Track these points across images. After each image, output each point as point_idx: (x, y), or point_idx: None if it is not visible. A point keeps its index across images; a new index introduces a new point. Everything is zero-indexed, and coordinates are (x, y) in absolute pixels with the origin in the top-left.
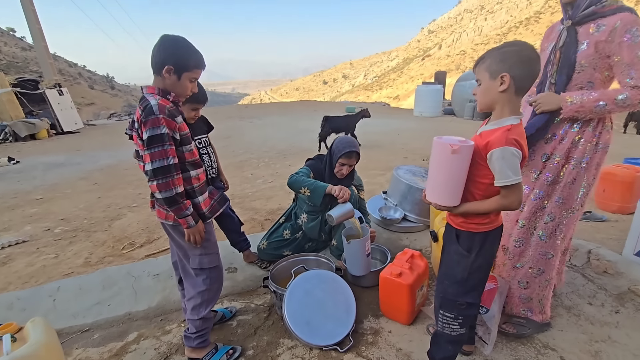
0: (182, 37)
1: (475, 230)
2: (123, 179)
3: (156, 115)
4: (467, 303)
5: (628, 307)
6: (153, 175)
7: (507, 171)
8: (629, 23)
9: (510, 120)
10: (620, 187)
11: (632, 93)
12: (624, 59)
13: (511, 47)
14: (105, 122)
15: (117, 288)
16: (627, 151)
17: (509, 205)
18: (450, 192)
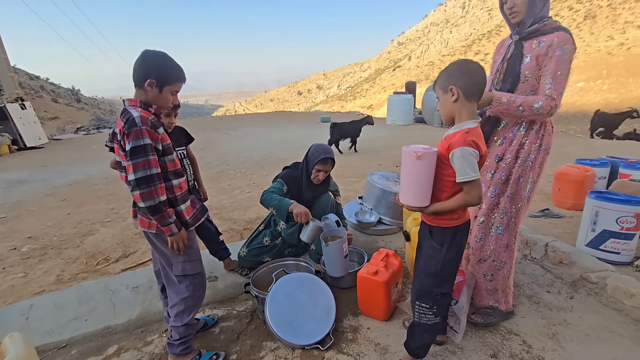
0: (164, 52)
1: (446, 225)
2: (94, 194)
3: (139, 127)
4: (441, 293)
5: (581, 293)
6: (136, 184)
7: (466, 169)
8: (562, 41)
9: (468, 124)
10: (573, 185)
11: (545, 102)
12: (549, 70)
13: (454, 65)
14: (72, 136)
15: (95, 303)
16: (581, 153)
17: (470, 200)
18: (420, 194)
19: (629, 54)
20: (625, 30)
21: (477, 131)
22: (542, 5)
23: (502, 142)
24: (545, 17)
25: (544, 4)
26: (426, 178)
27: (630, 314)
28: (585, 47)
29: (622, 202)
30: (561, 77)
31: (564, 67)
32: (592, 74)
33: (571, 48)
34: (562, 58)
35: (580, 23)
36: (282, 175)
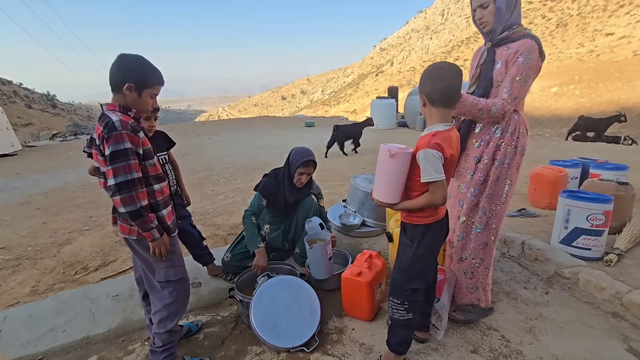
0: (140, 55)
1: (417, 222)
2: (71, 202)
3: (119, 131)
4: (411, 289)
5: (555, 288)
6: (117, 189)
7: (429, 169)
8: (526, 48)
9: (436, 127)
10: (548, 186)
11: (501, 106)
12: (509, 75)
13: (426, 70)
14: (48, 143)
15: (73, 313)
16: (555, 155)
17: (435, 200)
18: (390, 191)
19: (598, 61)
20: (594, 37)
21: (445, 134)
22: (510, 14)
23: (479, 144)
24: (515, 24)
25: (512, 12)
26: (397, 176)
27: (600, 306)
28: (558, 54)
29: (591, 200)
30: (519, 82)
31: (524, 73)
32: (565, 80)
33: (535, 56)
34: (523, 64)
35: (553, 31)
36: (260, 187)
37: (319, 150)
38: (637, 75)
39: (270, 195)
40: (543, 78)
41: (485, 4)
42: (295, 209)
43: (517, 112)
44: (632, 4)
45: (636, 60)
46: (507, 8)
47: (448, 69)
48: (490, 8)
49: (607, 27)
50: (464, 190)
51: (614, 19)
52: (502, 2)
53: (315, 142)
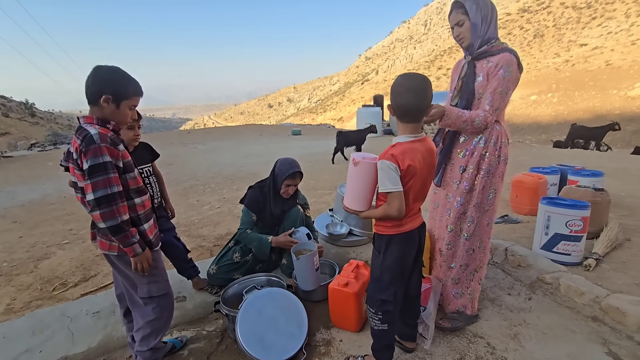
0: (117, 66)
1: (381, 232)
2: (49, 215)
3: (97, 144)
4: (381, 300)
5: (538, 294)
6: (96, 204)
7: (385, 180)
8: (506, 62)
9: (398, 139)
10: (528, 192)
11: (483, 118)
12: (490, 88)
13: (393, 84)
14: (25, 153)
15: (50, 332)
16: (535, 162)
17: (390, 211)
18: (356, 198)
19: (574, 70)
20: (569, 48)
21: (406, 146)
22: (487, 29)
23: (464, 154)
24: (492, 39)
25: (488, 28)
26: (362, 184)
27: (581, 311)
28: (536, 63)
29: (569, 206)
30: (500, 94)
31: (504, 86)
32: (544, 88)
33: (513, 69)
34: (503, 77)
35: (531, 41)
36: (246, 201)
37: (306, 159)
38: (610, 84)
39: (258, 208)
40: (523, 86)
41: (460, 22)
42: (281, 220)
43: (499, 122)
44: (603, 17)
45: (609, 70)
46: (482, 24)
47: (414, 85)
48: (466, 25)
49: (581, 38)
50: (450, 199)
51: (587, 31)
52: (476, 19)
53: (302, 151)
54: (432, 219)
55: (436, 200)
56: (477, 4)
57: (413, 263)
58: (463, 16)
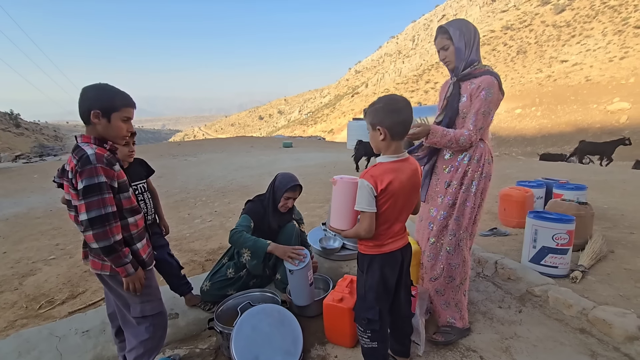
0: (104, 83)
1: (363, 252)
2: (35, 229)
3: (93, 164)
4: (367, 319)
5: (528, 306)
6: (89, 225)
7: (360, 198)
8: (488, 84)
9: (381, 158)
10: (516, 205)
11: (467, 137)
12: (474, 109)
13: (380, 102)
14: (9, 165)
15: (37, 352)
16: (522, 174)
17: (360, 230)
18: (339, 218)
19: (556, 85)
20: (551, 64)
21: (387, 167)
22: (470, 53)
23: (449, 170)
24: (475, 61)
25: (471, 51)
26: (341, 203)
27: (569, 323)
28: (519, 78)
29: (555, 220)
30: (483, 115)
31: (487, 106)
32: (527, 102)
33: (495, 90)
34: (485, 99)
35: (514, 57)
36: (247, 210)
37: (297, 172)
38: (590, 98)
39: (257, 218)
40: (508, 100)
41: (446, 46)
42: (277, 235)
43: (483, 140)
44: (582, 35)
45: (589, 85)
46: (465, 48)
47: (404, 102)
48: (450, 49)
49: (562, 54)
50: (434, 213)
51: (567, 48)
52: (460, 43)
53: (294, 163)
54: (417, 232)
55: (421, 214)
56: (460, 29)
57: (397, 284)
58: (448, 41)
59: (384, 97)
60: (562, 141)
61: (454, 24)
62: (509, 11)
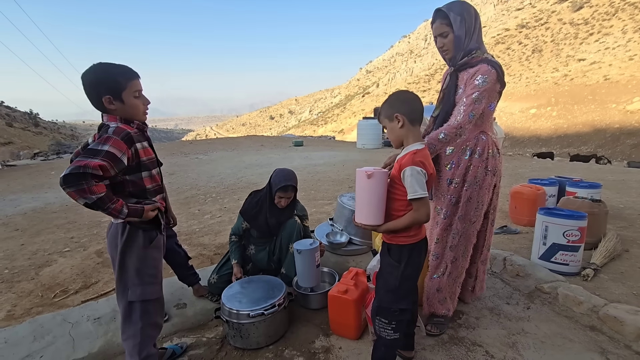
0: (97, 63)
1: (403, 243)
2: (51, 223)
3: (109, 134)
4: (400, 309)
5: (536, 303)
6: (64, 181)
7: (415, 186)
8: (483, 72)
9: (415, 145)
10: (527, 203)
11: (447, 130)
12: (465, 94)
13: (393, 96)
14: (29, 162)
15: (51, 337)
16: (535, 174)
17: (419, 217)
18: (373, 213)
19: (572, 84)
20: (568, 63)
21: (424, 152)
22: (469, 41)
23: (451, 167)
24: (473, 49)
25: (470, 39)
26: (377, 196)
27: (579, 320)
28: (535, 77)
29: (566, 217)
30: (474, 100)
31: (479, 93)
32: (543, 102)
33: (491, 79)
34: (478, 85)
35: (530, 56)
36: (242, 209)
37: (306, 170)
38: (609, 98)
39: (251, 217)
40: (522, 100)
41: (444, 34)
42: (278, 231)
43: (486, 133)
44: (601, 32)
45: (607, 85)
46: (466, 36)
47: (413, 94)
48: (449, 37)
49: (579, 53)
50: (439, 211)
51: (585, 46)
52: (460, 31)
53: (303, 162)
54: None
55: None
56: (462, 15)
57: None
58: (447, 28)
59: (394, 92)
60: (579, 142)
61: (455, 8)
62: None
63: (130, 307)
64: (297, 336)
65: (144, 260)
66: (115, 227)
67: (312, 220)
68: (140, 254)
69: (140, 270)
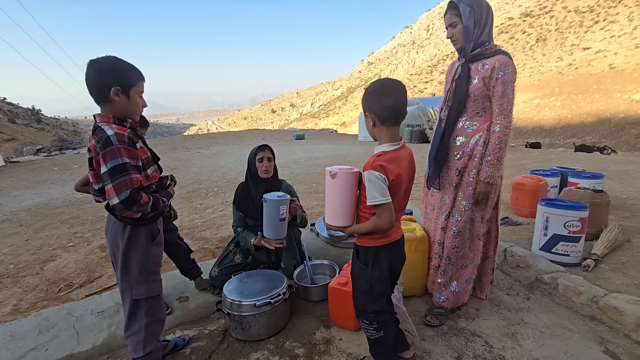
0: (111, 55)
1: (368, 244)
2: (55, 218)
3: (115, 145)
4: (375, 311)
5: (536, 294)
6: (124, 206)
7: (373, 192)
8: (503, 64)
9: (382, 147)
10: (529, 194)
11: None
12: (497, 92)
13: (369, 89)
14: (32, 158)
15: (56, 330)
16: (537, 164)
17: (381, 224)
18: (339, 214)
19: (577, 74)
20: (572, 52)
21: (391, 155)
22: (480, 33)
23: (461, 156)
24: (485, 42)
25: (481, 32)
26: (343, 197)
27: (579, 310)
28: (539, 67)
29: (567, 207)
30: (508, 96)
31: (509, 87)
32: (546, 92)
33: (512, 69)
34: (505, 79)
35: (533, 45)
36: (234, 201)
37: (308, 163)
38: (614, 87)
39: (241, 202)
40: (526, 90)
41: (454, 24)
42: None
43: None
44: (606, 20)
45: (612, 73)
46: (475, 27)
47: (394, 85)
48: (458, 27)
49: (584, 42)
50: (447, 201)
51: (590, 34)
52: (469, 22)
53: (305, 155)
54: (428, 220)
55: (432, 202)
56: (472, 6)
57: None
58: (457, 18)
59: (375, 82)
60: (583, 132)
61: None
62: None
63: (135, 305)
64: (297, 328)
65: (147, 257)
66: (114, 224)
67: (314, 213)
68: (144, 251)
69: (144, 268)
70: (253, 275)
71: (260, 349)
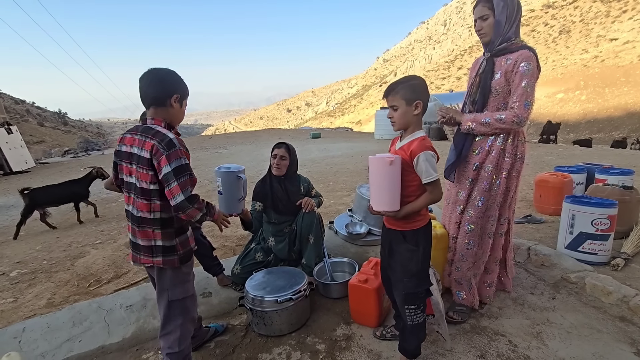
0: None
1: (416, 227)
2: (83, 217)
3: (178, 147)
4: (425, 290)
5: (562, 293)
6: (189, 203)
7: (430, 170)
8: (525, 58)
9: (420, 132)
10: (553, 191)
11: (507, 114)
12: (515, 84)
13: (416, 81)
14: (60, 159)
15: (88, 323)
16: (561, 161)
17: (434, 198)
18: (393, 199)
19: (603, 66)
20: (599, 43)
21: (428, 138)
22: (509, 28)
23: (479, 152)
24: (512, 37)
25: (510, 27)
26: (397, 182)
27: (608, 310)
28: (562, 60)
29: (595, 205)
30: (525, 89)
31: (529, 79)
32: (571, 86)
33: (534, 64)
34: (525, 73)
35: (556, 38)
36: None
37: (324, 162)
38: None
39: (260, 194)
40: (548, 84)
41: (485, 16)
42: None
43: None
44: (635, 9)
45: None
46: (506, 22)
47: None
48: (489, 21)
49: (611, 32)
50: (462, 196)
51: (617, 25)
52: (502, 16)
53: (321, 154)
54: (444, 215)
55: (448, 196)
56: (505, 1)
57: None
58: (488, 11)
59: (413, 76)
60: (610, 127)
61: None
62: None
63: (170, 306)
64: (318, 324)
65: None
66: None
67: (331, 211)
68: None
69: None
70: (274, 272)
71: (282, 344)
